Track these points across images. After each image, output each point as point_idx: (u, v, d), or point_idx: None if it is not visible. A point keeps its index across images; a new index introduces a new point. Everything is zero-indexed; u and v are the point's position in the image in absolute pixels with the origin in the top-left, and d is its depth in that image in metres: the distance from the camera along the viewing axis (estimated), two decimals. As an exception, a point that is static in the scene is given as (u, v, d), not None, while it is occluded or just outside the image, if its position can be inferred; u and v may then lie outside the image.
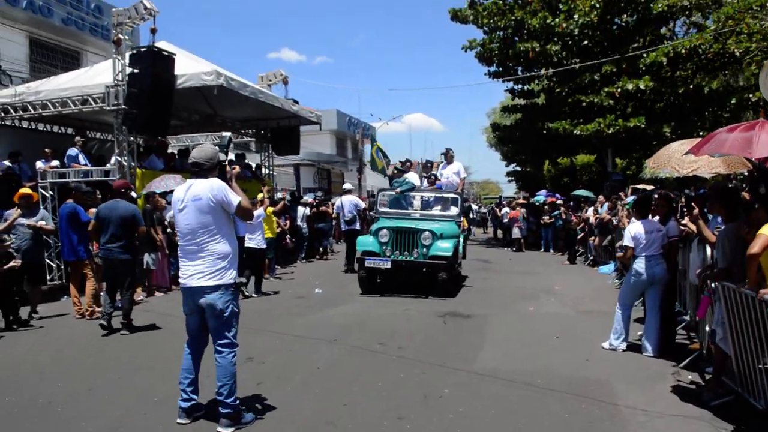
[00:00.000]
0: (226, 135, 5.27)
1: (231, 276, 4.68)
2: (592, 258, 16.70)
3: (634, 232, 7.09)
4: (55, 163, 13.19)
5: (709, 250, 6.43)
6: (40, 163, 13.11)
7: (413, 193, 12.30)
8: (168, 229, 11.35)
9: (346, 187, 17.83)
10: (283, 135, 18.21)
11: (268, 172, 19.05)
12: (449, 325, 8.60)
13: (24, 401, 5.45)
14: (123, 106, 12.18)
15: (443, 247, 10.45)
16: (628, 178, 23.90)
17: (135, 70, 11.91)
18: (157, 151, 14.03)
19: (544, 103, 25.10)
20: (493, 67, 23.77)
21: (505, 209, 25.23)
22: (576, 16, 20.83)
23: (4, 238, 8.55)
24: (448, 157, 13.42)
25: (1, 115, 13.70)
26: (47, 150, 13.50)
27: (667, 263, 7.18)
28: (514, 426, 4.84)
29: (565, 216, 19.47)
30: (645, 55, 20.48)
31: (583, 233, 17.47)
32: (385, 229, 10.73)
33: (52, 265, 12.04)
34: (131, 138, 12.64)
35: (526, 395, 5.57)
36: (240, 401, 4.90)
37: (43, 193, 12.42)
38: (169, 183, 11.34)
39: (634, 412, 5.17)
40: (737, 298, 5.06)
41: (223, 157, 4.92)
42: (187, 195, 4.71)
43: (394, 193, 12.18)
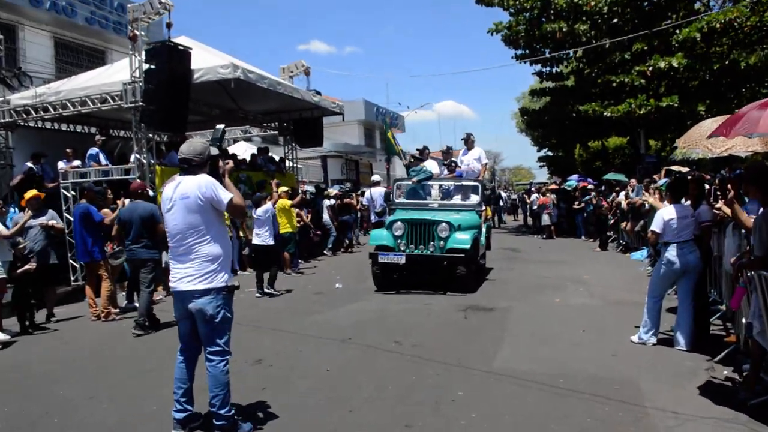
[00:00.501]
0: (220, 127, 4.96)
1: (222, 279, 4.37)
2: (624, 244, 16.13)
3: (666, 216, 6.59)
4: (76, 162, 13.17)
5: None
6: (61, 164, 13.11)
7: (431, 182, 11.81)
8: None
9: (375, 178, 17.54)
10: (306, 127, 17.93)
11: (292, 165, 18.82)
12: (470, 320, 8.25)
13: (22, 411, 5.25)
14: (140, 103, 12.03)
15: (461, 240, 9.97)
16: (663, 159, 23.08)
17: (151, 66, 11.75)
18: (178, 147, 13.88)
19: (574, 85, 24.41)
20: (520, 50, 23.10)
21: (535, 196, 24.69)
22: (604, -7, 20.08)
23: (19, 241, 8.45)
24: (469, 142, 12.86)
25: (23, 116, 13.69)
26: (68, 150, 13.48)
27: (699, 250, 6.68)
28: (530, 434, 4.45)
29: (595, 201, 18.84)
30: (678, 31, 19.67)
31: (615, 218, 16.86)
32: (399, 222, 10.28)
33: (75, 265, 12.00)
34: (150, 135, 12.48)
35: (546, 398, 5.17)
36: (237, 410, 4.61)
37: (65, 194, 12.38)
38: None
39: (663, 415, 4.73)
40: (775, 290, 4.57)
41: (215, 151, 4.59)
42: (175, 193, 4.41)
43: (411, 182, 11.73)
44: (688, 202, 7.04)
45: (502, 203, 31.46)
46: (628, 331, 7.12)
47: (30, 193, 9.06)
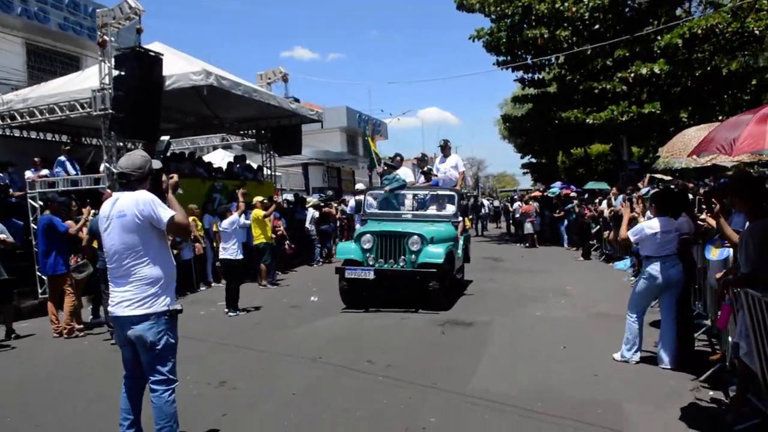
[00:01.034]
0: (164, 139, 4.66)
1: (163, 303, 4.06)
2: (607, 253, 15.91)
3: (649, 230, 6.27)
4: (44, 172, 12.75)
5: (731, 251, 5.65)
6: (29, 173, 12.67)
7: (405, 192, 11.33)
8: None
9: (359, 186, 17.17)
10: (284, 134, 17.65)
11: (270, 173, 18.48)
12: (448, 336, 7.95)
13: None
14: (110, 111, 11.65)
15: (434, 253, 9.45)
16: (646, 166, 22.98)
17: (121, 73, 11.42)
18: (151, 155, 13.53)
19: (556, 92, 24.25)
20: (502, 57, 22.92)
21: (517, 203, 24.38)
22: (586, 0, 19.94)
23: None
24: (446, 149, 12.45)
25: (-11, 124, 13.25)
26: (36, 159, 13.05)
27: (682, 263, 6.41)
28: (505, 466, 4.14)
29: (578, 209, 18.65)
30: (659, 37, 19.58)
31: (598, 227, 16.67)
32: (368, 234, 9.76)
33: (44, 278, 11.55)
34: (120, 143, 12.10)
35: (522, 423, 4.87)
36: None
37: (32, 204, 11.94)
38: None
39: (647, 443, 4.44)
40: (764, 308, 4.29)
41: (157, 164, 4.26)
42: (113, 211, 4.10)
43: (383, 192, 11.23)
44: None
45: (484, 211, 31.17)
46: (610, 346, 6.84)
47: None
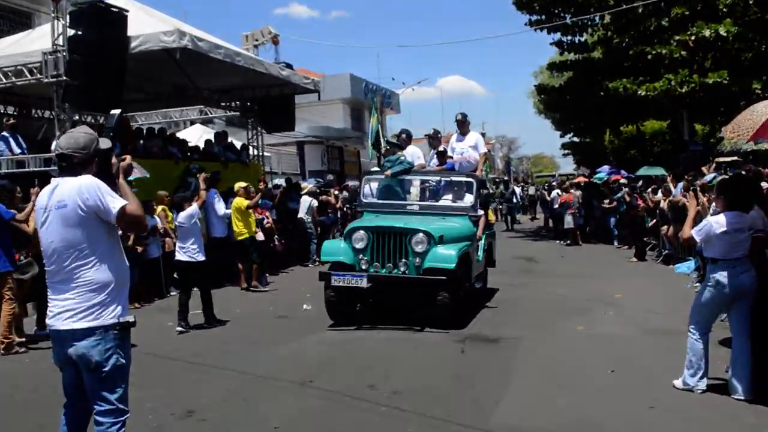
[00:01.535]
0: (115, 113, 4.37)
1: (113, 314, 3.84)
2: (667, 253, 15.58)
3: (717, 227, 5.94)
4: (-17, 151, 12.54)
5: None
6: (-34, 152, 12.48)
7: (411, 177, 10.89)
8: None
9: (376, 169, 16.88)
10: (275, 107, 17.44)
11: (257, 154, 18.30)
12: (468, 356, 7.72)
13: None
14: (63, 78, 11.46)
15: (444, 256, 8.95)
16: (711, 147, 22.60)
17: (77, 32, 11.31)
18: (111, 131, 13.26)
19: (600, 58, 23.95)
20: (536, 15, 22.55)
21: (556, 192, 23.85)
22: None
23: None
24: (464, 125, 12.00)
25: None
26: (-27, 135, 12.84)
27: (755, 268, 6.08)
28: None
29: (629, 199, 18.36)
30: (727, -9, 19.11)
31: (654, 221, 16.29)
32: (361, 231, 9.29)
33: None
34: (76, 116, 11.98)
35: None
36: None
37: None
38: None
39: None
40: None
41: (105, 144, 4.00)
42: (51, 201, 3.87)
43: (383, 176, 10.85)
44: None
45: (516, 200, 30.79)
46: (670, 371, 6.51)
47: None
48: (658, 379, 6.52)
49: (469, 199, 10.57)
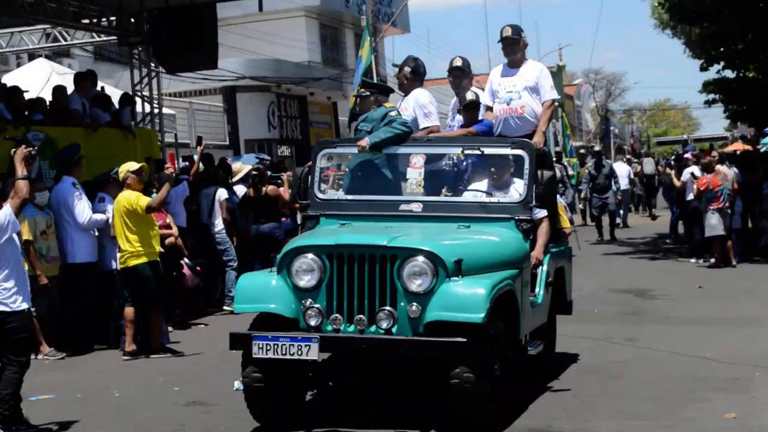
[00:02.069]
0: None
1: None
2: None
3: None
4: None
5: None
6: None
7: (408, 150, 8.93)
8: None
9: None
10: (181, 27, 15.28)
11: (149, 111, 16.61)
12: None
13: None
14: None
15: (464, 298, 7.20)
16: None
17: None
18: None
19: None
20: None
21: (690, 170, 19.72)
22: None
23: None
24: (515, 48, 9.45)
25: None
26: None
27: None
28: None
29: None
30: None
31: None
32: (310, 254, 7.52)
33: None
34: None
35: None
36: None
37: None
38: None
39: None
40: None
41: None
42: None
43: (356, 149, 8.94)
44: None
45: (616, 186, 26.26)
46: None
47: None
48: None
49: (516, 188, 8.73)
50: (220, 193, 14.45)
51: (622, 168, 28.95)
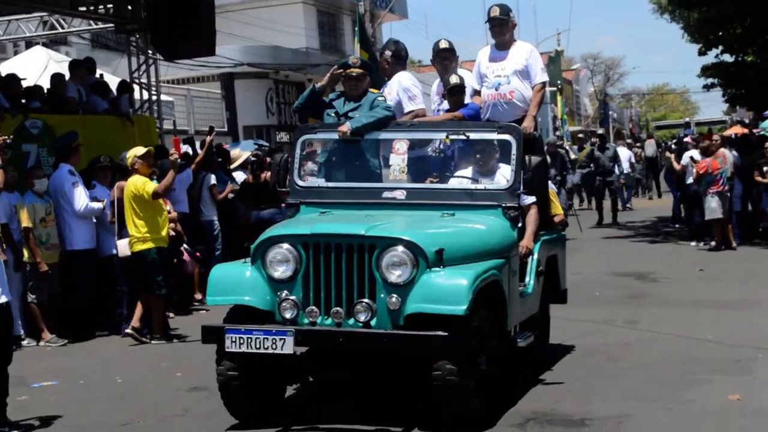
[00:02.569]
0: None
1: None
2: None
3: None
4: None
5: None
6: None
7: (391, 136, 9.02)
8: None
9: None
10: (178, 13, 15.78)
11: (147, 98, 17.36)
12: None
13: None
14: None
15: (445, 289, 7.22)
16: None
17: None
18: None
19: None
20: None
21: (690, 155, 20.47)
22: None
23: None
24: (503, 29, 9.64)
25: None
26: None
27: None
28: None
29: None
30: None
31: None
32: (285, 244, 7.54)
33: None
34: None
35: None
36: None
37: None
38: None
39: None
40: None
41: None
42: None
43: (336, 135, 8.90)
44: None
45: (618, 170, 27.12)
46: None
47: None
48: None
49: (503, 174, 8.68)
50: (207, 179, 14.70)
51: (623, 152, 29.91)
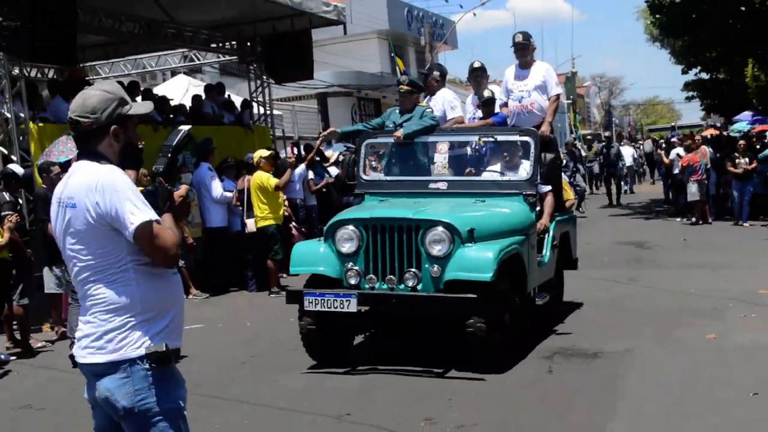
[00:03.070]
0: (183, 129, 4.30)
1: (138, 343, 3.75)
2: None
3: None
4: None
5: None
6: None
7: (435, 139, 10.38)
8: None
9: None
10: (285, 47, 17.77)
11: (263, 112, 18.67)
12: (558, 376, 7.98)
13: None
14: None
15: (475, 260, 8.36)
16: None
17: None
18: (65, 89, 13.64)
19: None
20: None
21: (676, 151, 23.44)
22: None
23: None
24: (526, 52, 11.02)
25: None
26: None
27: None
28: None
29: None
30: None
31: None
32: (349, 226, 8.80)
33: None
34: (15, 70, 12.37)
35: None
36: None
37: None
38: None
39: None
40: None
41: (144, 108, 4.18)
42: (63, 193, 3.87)
43: (392, 139, 10.21)
44: None
45: (621, 164, 30.09)
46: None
47: None
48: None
49: (524, 168, 9.98)
50: (302, 172, 16.35)
51: (627, 150, 34.52)
